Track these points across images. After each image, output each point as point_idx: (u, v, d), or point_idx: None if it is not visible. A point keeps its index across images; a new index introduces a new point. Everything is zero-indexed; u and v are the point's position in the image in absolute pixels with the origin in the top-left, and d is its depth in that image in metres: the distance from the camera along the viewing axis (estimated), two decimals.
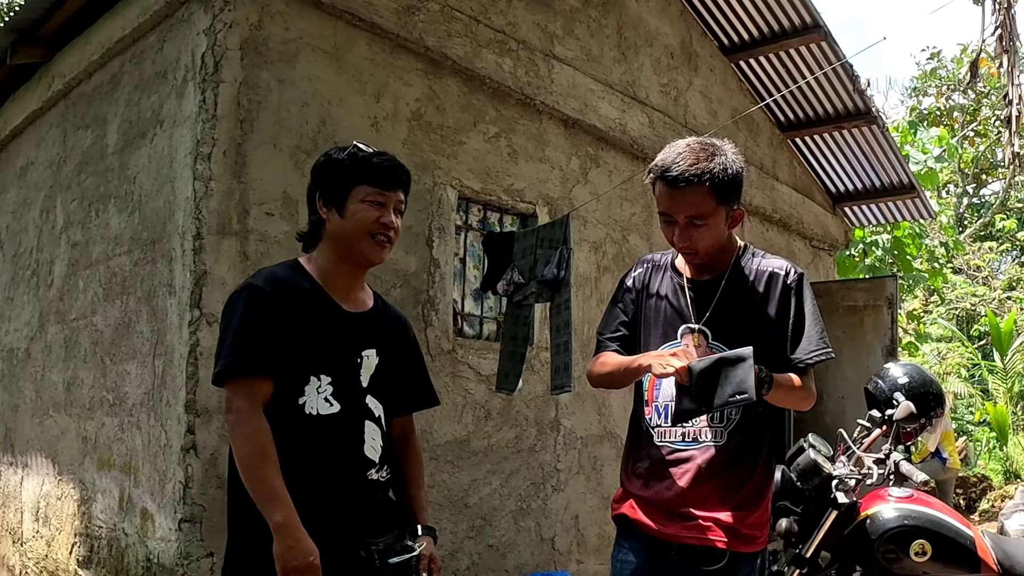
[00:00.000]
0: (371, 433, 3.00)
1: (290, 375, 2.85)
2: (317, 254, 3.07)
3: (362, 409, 2.99)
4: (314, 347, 2.90)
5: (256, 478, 2.72)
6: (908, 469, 3.99)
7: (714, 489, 3.19)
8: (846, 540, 4.14)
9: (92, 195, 6.35)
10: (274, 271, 2.99)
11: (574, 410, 7.26)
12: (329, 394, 2.90)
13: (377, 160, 3.02)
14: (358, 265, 3.09)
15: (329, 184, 3.01)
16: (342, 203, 2.97)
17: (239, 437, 2.78)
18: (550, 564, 6.88)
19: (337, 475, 2.88)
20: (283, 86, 5.43)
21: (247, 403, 2.77)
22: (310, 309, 2.93)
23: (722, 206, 3.13)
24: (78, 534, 6.07)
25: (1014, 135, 7.51)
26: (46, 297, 6.93)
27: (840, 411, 9.12)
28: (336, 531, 2.83)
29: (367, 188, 2.96)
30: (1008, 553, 4.19)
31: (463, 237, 6.73)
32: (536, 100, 7.04)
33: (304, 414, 2.85)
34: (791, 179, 10.67)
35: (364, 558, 2.86)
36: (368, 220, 2.96)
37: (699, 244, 3.19)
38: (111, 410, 5.79)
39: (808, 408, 3.32)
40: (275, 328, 2.82)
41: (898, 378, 4.36)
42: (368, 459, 2.97)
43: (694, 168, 3.06)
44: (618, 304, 3.52)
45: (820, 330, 3.25)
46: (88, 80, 6.62)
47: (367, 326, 3.09)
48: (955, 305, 23.80)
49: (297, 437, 2.82)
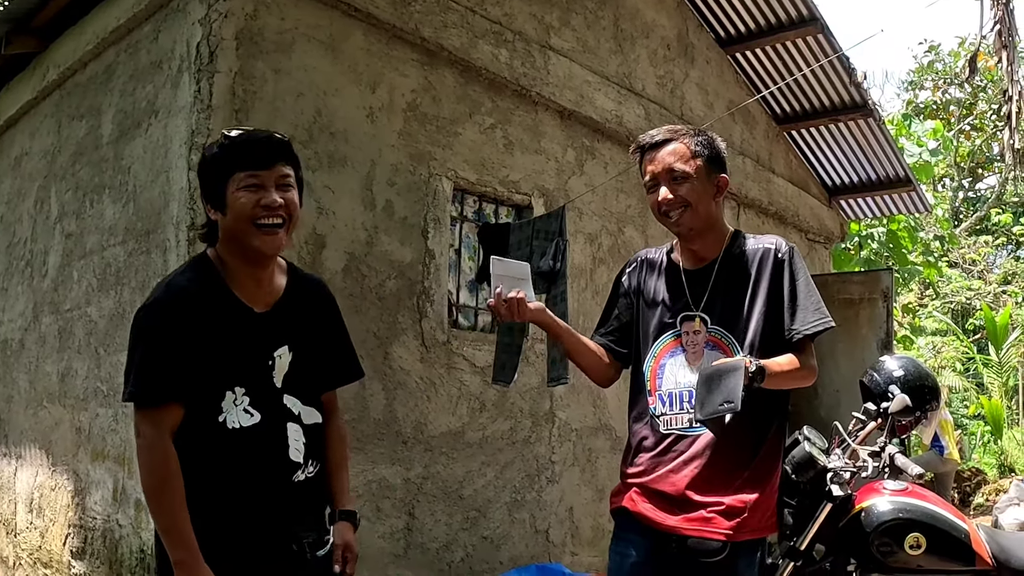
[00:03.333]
0: (293, 435, 2.90)
1: (205, 392, 2.75)
2: (220, 250, 2.89)
3: (282, 411, 2.89)
4: (225, 360, 2.78)
5: (160, 510, 2.66)
6: (903, 462, 3.99)
7: (717, 472, 3.20)
8: (841, 533, 4.14)
9: (86, 185, 6.33)
10: (179, 284, 2.81)
11: (569, 402, 7.25)
12: (247, 404, 2.80)
13: (243, 139, 2.82)
14: (256, 261, 2.88)
15: (207, 183, 2.84)
16: (223, 199, 2.78)
17: (144, 466, 2.70)
18: (544, 556, 6.87)
19: (264, 484, 2.81)
20: (278, 76, 5.41)
21: (153, 431, 2.68)
22: (218, 318, 2.79)
23: (700, 160, 3.21)
24: (72, 525, 6.06)
25: (1013, 131, 7.51)
26: (40, 288, 6.91)
27: (835, 404, 9.13)
28: (268, 531, 2.79)
29: (239, 174, 2.75)
30: (1003, 547, 4.19)
31: (458, 228, 6.72)
32: (532, 91, 7.03)
33: (227, 429, 2.76)
34: (787, 172, 10.67)
35: (296, 552, 2.83)
36: (247, 207, 2.75)
37: (684, 195, 3.22)
38: (105, 401, 5.77)
39: (811, 383, 3.33)
40: (182, 350, 2.71)
41: (893, 371, 4.35)
42: (293, 462, 2.88)
43: (671, 128, 3.31)
44: (615, 300, 3.56)
45: (816, 301, 3.25)
46: (83, 70, 6.59)
47: (277, 323, 2.93)
48: (950, 299, 23.84)
49: (221, 452, 2.76)
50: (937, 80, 26.77)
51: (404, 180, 6.08)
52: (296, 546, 2.83)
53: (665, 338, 3.34)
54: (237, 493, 2.77)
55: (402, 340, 5.99)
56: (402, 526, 5.94)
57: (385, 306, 5.89)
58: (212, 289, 2.83)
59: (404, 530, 5.93)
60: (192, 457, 2.72)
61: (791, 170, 10.80)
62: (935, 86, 26.75)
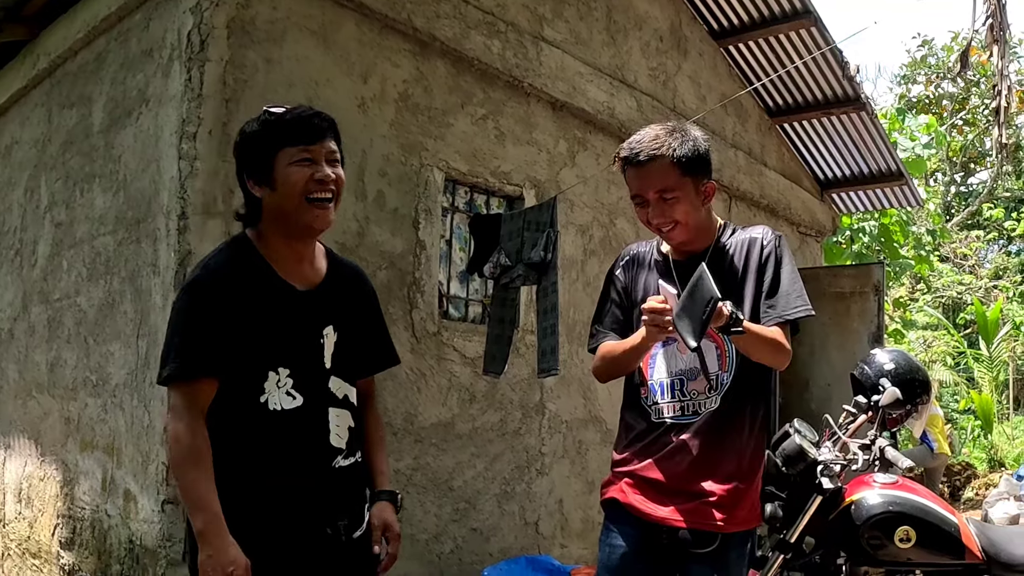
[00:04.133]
0: (336, 420, 2.89)
1: (248, 372, 2.75)
2: (262, 230, 2.88)
3: (325, 395, 2.89)
4: (269, 339, 2.78)
5: (185, 481, 2.66)
6: (893, 455, 3.99)
7: (709, 461, 3.21)
8: (831, 526, 4.14)
9: (77, 175, 6.30)
10: (219, 263, 2.81)
11: (559, 394, 7.25)
12: (291, 387, 2.79)
13: (291, 116, 2.83)
14: (304, 237, 2.89)
15: (251, 159, 2.82)
16: (270, 175, 2.77)
17: (172, 438, 2.69)
18: (534, 548, 6.87)
19: (303, 468, 2.81)
20: (270, 66, 5.39)
21: (183, 405, 2.68)
22: (260, 298, 2.79)
23: (688, 178, 3.17)
24: (60, 516, 6.04)
25: (1003, 127, 7.53)
26: (30, 277, 6.88)
27: (826, 397, 9.14)
28: (303, 516, 2.78)
29: (290, 149, 2.76)
30: (993, 541, 4.19)
31: (449, 219, 6.70)
32: (524, 82, 7.01)
33: (268, 411, 2.75)
34: (779, 165, 10.67)
35: (331, 535, 2.81)
36: (300, 182, 2.75)
37: (674, 214, 3.20)
38: (94, 391, 5.76)
39: (784, 365, 3.29)
40: (220, 326, 2.70)
41: (884, 364, 4.35)
42: (334, 448, 2.88)
43: (654, 143, 3.16)
44: (610, 295, 3.55)
45: (799, 288, 3.26)
46: (73, 59, 6.55)
47: (323, 302, 2.93)
48: (941, 293, 23.90)
49: (261, 434, 2.75)
50: (930, 74, 26.82)
51: (395, 171, 6.06)
52: (331, 530, 2.82)
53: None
54: (275, 476, 2.76)
55: (392, 331, 5.86)
56: None
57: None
58: (252, 267, 2.82)
59: None
60: (230, 437, 2.73)
61: (783, 163, 10.80)
62: (928, 80, 26.79)
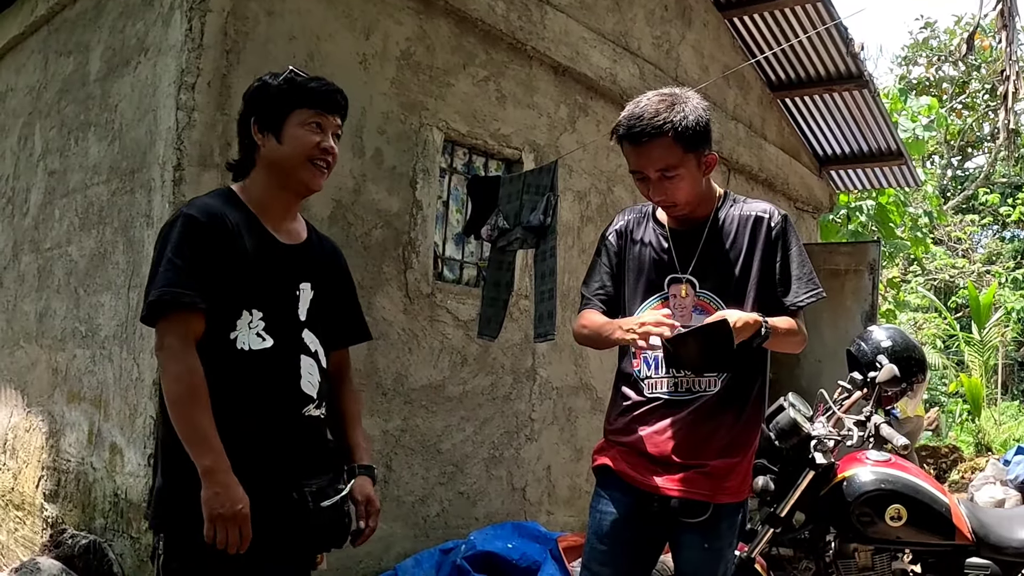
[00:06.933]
0: (308, 368, 2.90)
1: (221, 309, 2.75)
2: (250, 183, 2.98)
3: (298, 343, 2.90)
4: (247, 281, 2.80)
5: (185, 419, 2.64)
6: (888, 432, 3.99)
7: (700, 436, 3.17)
8: (821, 501, 4.14)
9: (72, 123, 6.22)
10: (208, 202, 2.87)
11: (551, 360, 7.22)
12: (261, 329, 2.80)
13: (316, 84, 2.94)
14: (296, 193, 3.02)
15: (265, 109, 2.91)
16: (279, 128, 2.89)
17: (169, 376, 2.69)
18: (520, 514, 6.87)
19: (272, 411, 2.79)
20: (271, 18, 5.32)
21: (179, 340, 2.67)
22: (244, 241, 2.82)
23: (690, 154, 3.10)
24: (45, 467, 6.01)
25: (1009, 111, 7.52)
26: (21, 226, 6.82)
27: (817, 374, 9.13)
28: (270, 471, 2.75)
29: (307, 112, 2.89)
30: (983, 523, 4.19)
31: (447, 180, 6.65)
32: (527, 45, 6.94)
33: (236, 349, 2.75)
34: (779, 139, 10.63)
35: (297, 500, 2.76)
36: (308, 144, 2.89)
37: (676, 195, 3.17)
38: (83, 342, 5.71)
39: (801, 350, 3.32)
40: (209, 261, 2.72)
41: (881, 341, 4.35)
42: (305, 395, 2.88)
43: (655, 120, 3.06)
44: (601, 258, 3.48)
45: (809, 271, 3.24)
46: (72, 6, 6.46)
47: (303, 259, 3.01)
48: (934, 276, 23.94)
49: (229, 373, 2.73)
50: (931, 57, 26.73)
51: (394, 129, 6.00)
52: (297, 494, 2.76)
53: (652, 300, 3.29)
54: (244, 418, 2.74)
55: (386, 291, 5.94)
56: (378, 478, 5.89)
57: (370, 256, 5.83)
58: (238, 212, 2.88)
59: (381, 482, 5.88)
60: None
61: (783, 138, 10.76)
62: (929, 63, 26.71)
